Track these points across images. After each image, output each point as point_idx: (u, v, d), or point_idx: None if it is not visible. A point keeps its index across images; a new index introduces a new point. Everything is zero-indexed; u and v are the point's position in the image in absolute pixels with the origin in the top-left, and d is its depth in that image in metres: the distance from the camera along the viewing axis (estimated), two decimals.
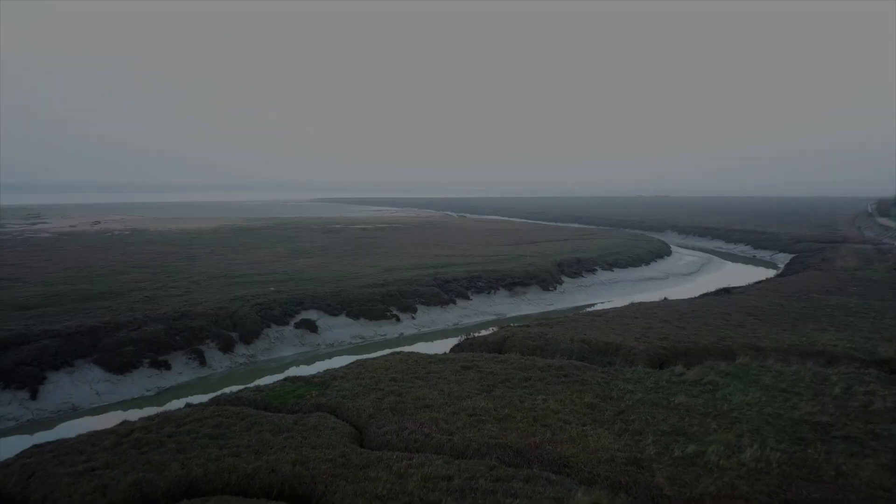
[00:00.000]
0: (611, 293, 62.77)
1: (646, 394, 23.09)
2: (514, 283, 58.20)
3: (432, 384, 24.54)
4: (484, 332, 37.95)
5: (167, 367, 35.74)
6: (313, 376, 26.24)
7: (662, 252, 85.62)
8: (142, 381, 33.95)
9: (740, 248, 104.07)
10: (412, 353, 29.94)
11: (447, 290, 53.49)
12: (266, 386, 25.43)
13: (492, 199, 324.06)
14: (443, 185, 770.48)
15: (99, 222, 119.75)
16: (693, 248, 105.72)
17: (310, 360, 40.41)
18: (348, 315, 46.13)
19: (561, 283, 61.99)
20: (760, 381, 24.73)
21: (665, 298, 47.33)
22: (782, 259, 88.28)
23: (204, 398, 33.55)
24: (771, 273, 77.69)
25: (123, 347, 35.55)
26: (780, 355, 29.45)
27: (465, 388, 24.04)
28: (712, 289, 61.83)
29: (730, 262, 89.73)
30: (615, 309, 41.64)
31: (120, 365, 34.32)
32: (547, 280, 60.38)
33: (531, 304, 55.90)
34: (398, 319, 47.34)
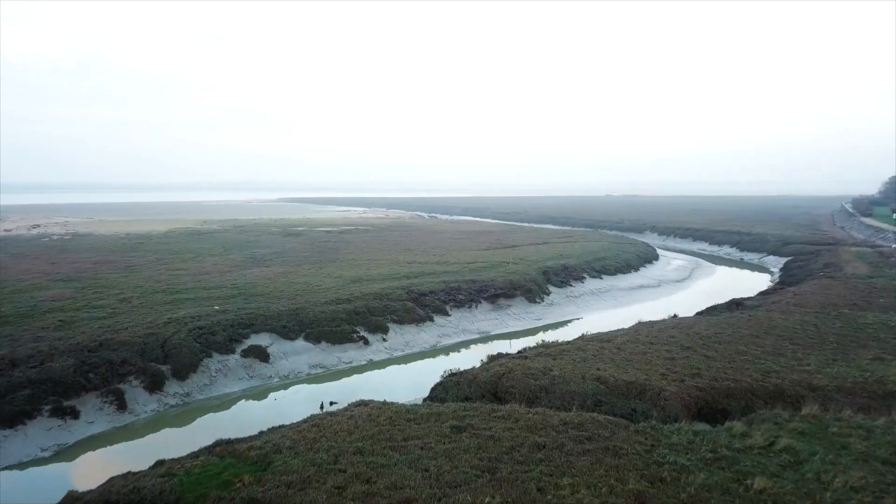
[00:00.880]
0: (602, 304, 56.85)
1: (709, 473, 16.77)
2: (496, 294, 51.79)
3: (413, 459, 17.87)
4: (474, 364, 31.39)
5: (74, 414, 28.38)
6: (250, 446, 19.28)
7: (650, 256, 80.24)
8: (38, 436, 26.55)
9: (725, 251, 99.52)
10: (385, 405, 23.14)
11: (423, 305, 46.82)
12: (181, 464, 18.40)
13: (462, 199, 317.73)
14: (413, 185, 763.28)
15: (39, 226, 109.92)
16: (676, 251, 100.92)
17: (260, 396, 33.48)
18: (307, 338, 39.15)
19: (548, 293, 55.79)
20: (850, 445, 18.66)
21: (675, 316, 41.40)
22: (773, 262, 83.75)
23: (117, 454, 26.71)
24: (766, 278, 72.91)
25: (18, 391, 28.08)
26: (847, 397, 23.58)
27: (458, 465, 17.43)
28: (712, 297, 56.37)
29: (718, 266, 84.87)
30: (624, 332, 35.45)
31: (10, 415, 26.87)
32: (533, 290, 54.10)
33: (517, 318, 49.56)
34: (366, 342, 40.51)
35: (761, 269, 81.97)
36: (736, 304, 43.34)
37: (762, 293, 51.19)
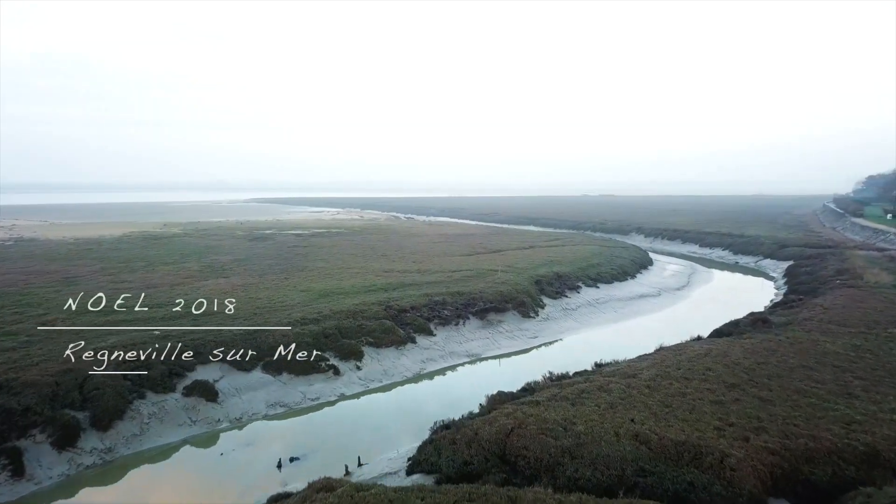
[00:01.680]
0: (602, 317, 51.11)
1: None
2: (486, 308, 45.77)
3: None
4: (468, 397, 25.33)
5: None
6: None
7: (644, 261, 74.93)
8: None
9: (717, 254, 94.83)
10: (358, 493, 16.78)
11: (403, 324, 40.61)
12: None
13: (438, 199, 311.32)
14: (413, 185, 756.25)
15: None
16: (666, 254, 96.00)
17: (205, 444, 27.07)
18: (265, 369, 32.69)
19: (542, 306, 49.91)
20: None
21: (699, 337, 35.73)
22: (771, 266, 79.06)
23: None
24: (768, 285, 68.09)
25: None
26: None
27: None
28: (719, 307, 51.32)
29: (715, 271, 79.85)
30: (649, 362, 29.59)
31: None
32: (526, 303, 48.17)
33: (510, 337, 43.57)
34: (337, 371, 34.14)
35: (760, 273, 77.20)
36: (762, 321, 37.86)
37: (783, 306, 45.80)
